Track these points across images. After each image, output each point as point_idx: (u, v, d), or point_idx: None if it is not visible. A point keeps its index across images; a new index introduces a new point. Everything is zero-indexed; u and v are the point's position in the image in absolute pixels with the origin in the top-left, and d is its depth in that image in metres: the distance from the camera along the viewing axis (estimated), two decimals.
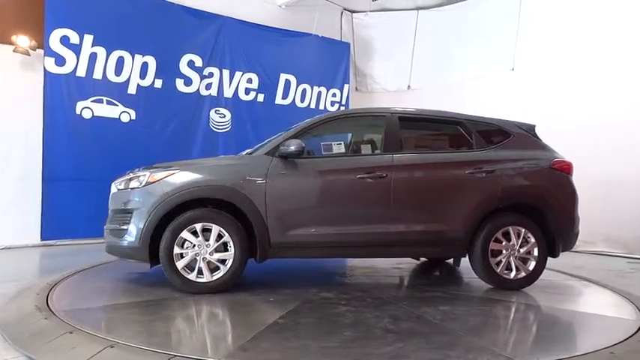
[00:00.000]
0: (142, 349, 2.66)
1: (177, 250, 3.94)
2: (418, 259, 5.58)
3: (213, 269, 4.01)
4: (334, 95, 9.82)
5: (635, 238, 7.00)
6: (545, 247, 4.41)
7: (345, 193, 4.27)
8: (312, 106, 9.54)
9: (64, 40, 6.86)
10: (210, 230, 3.99)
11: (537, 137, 4.77)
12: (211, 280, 3.96)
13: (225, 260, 4.00)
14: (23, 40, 6.76)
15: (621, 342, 3.01)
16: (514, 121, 4.80)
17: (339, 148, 4.64)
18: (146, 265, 4.11)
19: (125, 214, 4.12)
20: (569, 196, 4.57)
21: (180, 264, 3.94)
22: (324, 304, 3.80)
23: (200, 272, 3.97)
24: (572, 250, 4.76)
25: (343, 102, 9.93)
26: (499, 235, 4.35)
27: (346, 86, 9.99)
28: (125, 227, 4.06)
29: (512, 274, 4.37)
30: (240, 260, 4.01)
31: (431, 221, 4.33)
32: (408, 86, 10.09)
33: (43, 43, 6.78)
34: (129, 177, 4.27)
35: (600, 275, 5.42)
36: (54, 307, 3.47)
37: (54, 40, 6.78)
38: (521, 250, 4.37)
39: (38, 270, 5.78)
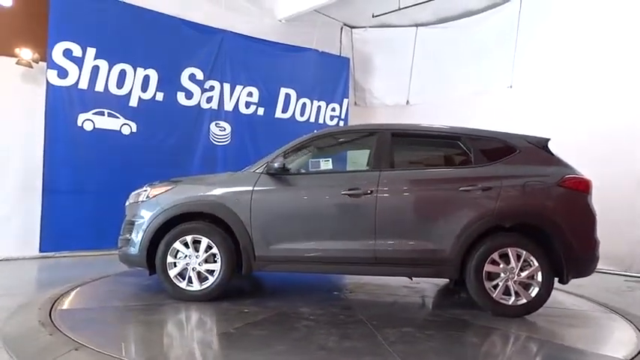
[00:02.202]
0: None
1: (170, 259, 4.26)
2: (411, 279, 5.12)
3: (204, 279, 4.26)
4: (333, 110, 9.89)
5: (631, 256, 7.06)
6: (550, 272, 4.05)
7: (329, 210, 4.29)
8: (312, 120, 9.60)
9: (67, 53, 6.90)
10: (201, 242, 4.27)
11: (550, 152, 4.43)
12: (200, 289, 4.23)
13: (214, 271, 4.24)
14: (26, 53, 6.80)
15: None
16: (523, 135, 4.51)
17: (326, 165, 4.72)
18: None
19: (131, 225, 4.46)
20: (582, 216, 4.19)
21: (172, 272, 4.25)
22: (292, 318, 3.87)
23: (190, 281, 4.25)
24: None
25: (342, 116, 10.00)
26: (495, 256, 4.07)
27: (345, 101, 10.07)
28: (130, 237, 4.41)
29: (511, 300, 4.05)
30: (227, 271, 4.23)
31: (417, 240, 4.16)
32: (407, 101, 10.19)
33: (45, 56, 6.81)
34: (139, 191, 4.60)
35: (600, 294, 5.39)
36: (57, 322, 3.48)
37: (57, 52, 6.81)
38: (522, 274, 4.04)
39: (38, 283, 5.75)
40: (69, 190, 6.90)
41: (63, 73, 6.88)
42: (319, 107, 9.71)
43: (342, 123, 9.90)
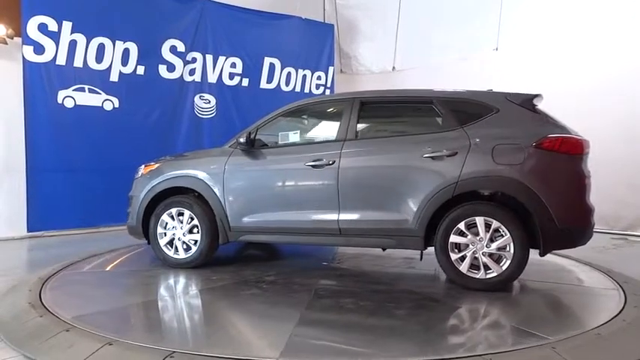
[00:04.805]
0: (141, 345, 2.68)
1: (159, 230, 4.69)
2: (384, 250, 4.61)
3: (189, 248, 4.63)
4: (319, 78, 9.74)
5: (615, 215, 7.17)
6: (524, 243, 3.70)
7: (294, 182, 4.42)
8: (298, 89, 9.46)
9: (42, 28, 6.68)
10: (184, 214, 4.65)
11: (534, 110, 4.00)
12: (185, 257, 4.63)
13: (197, 240, 4.59)
14: None
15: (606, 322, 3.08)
16: (504, 93, 4.10)
17: (295, 137, 4.80)
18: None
19: (131, 199, 4.92)
20: (566, 181, 3.79)
21: (162, 242, 4.69)
22: (248, 285, 4.08)
23: (177, 250, 4.65)
24: None
25: (328, 84, 9.85)
26: (462, 226, 3.80)
27: (331, 68, 9.91)
28: (131, 210, 4.88)
29: (480, 273, 3.77)
30: (207, 242, 4.54)
31: (379, 210, 4.07)
32: (393, 67, 10.06)
33: (20, 31, 6.59)
34: (142, 167, 5.00)
35: (586, 253, 5.14)
36: (48, 303, 3.47)
37: (31, 27, 6.59)
38: (492, 246, 3.73)
39: (27, 263, 5.74)
40: (53, 168, 6.81)
41: (39, 49, 6.68)
42: (304, 76, 9.56)
43: (328, 91, 9.79)
